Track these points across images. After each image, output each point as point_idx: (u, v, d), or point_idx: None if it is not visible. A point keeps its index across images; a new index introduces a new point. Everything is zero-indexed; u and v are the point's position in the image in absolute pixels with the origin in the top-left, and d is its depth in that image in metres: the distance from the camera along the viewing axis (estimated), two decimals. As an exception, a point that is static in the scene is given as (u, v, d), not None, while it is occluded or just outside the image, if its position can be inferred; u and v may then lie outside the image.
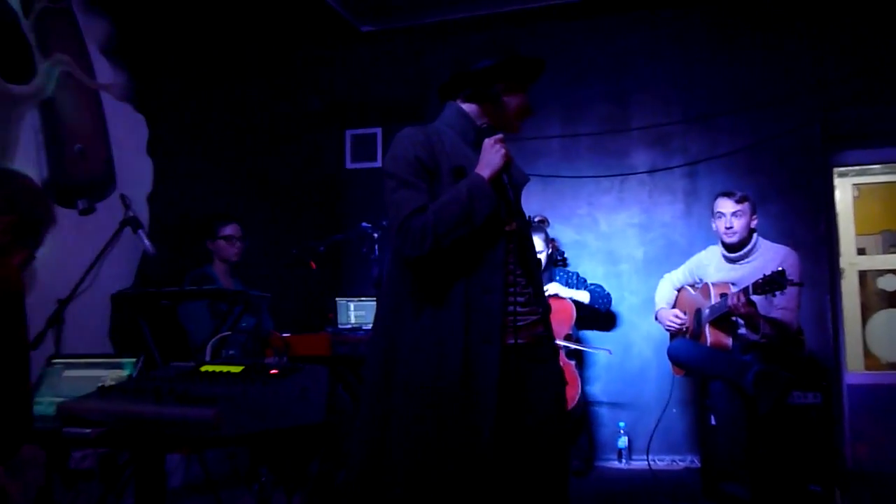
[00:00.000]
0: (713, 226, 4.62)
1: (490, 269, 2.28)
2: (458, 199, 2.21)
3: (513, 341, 2.25)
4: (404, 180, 2.26)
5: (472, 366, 2.19)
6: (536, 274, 2.45)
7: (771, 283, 3.92)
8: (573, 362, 5.06)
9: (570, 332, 5.11)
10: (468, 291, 2.24)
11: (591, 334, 5.69)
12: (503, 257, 2.30)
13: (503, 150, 2.31)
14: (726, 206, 4.50)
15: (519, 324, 2.29)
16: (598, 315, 5.49)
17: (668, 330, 4.83)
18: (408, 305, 2.28)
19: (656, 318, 4.94)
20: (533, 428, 2.29)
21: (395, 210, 2.25)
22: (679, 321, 4.73)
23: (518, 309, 2.30)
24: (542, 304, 2.44)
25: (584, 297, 5.24)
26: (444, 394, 2.17)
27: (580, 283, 5.35)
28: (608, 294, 5.34)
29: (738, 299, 4.13)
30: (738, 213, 4.46)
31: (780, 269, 3.91)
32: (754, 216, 4.52)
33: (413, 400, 2.20)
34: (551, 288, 5.14)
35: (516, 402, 2.26)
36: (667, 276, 5.01)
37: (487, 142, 2.33)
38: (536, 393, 2.32)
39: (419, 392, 2.19)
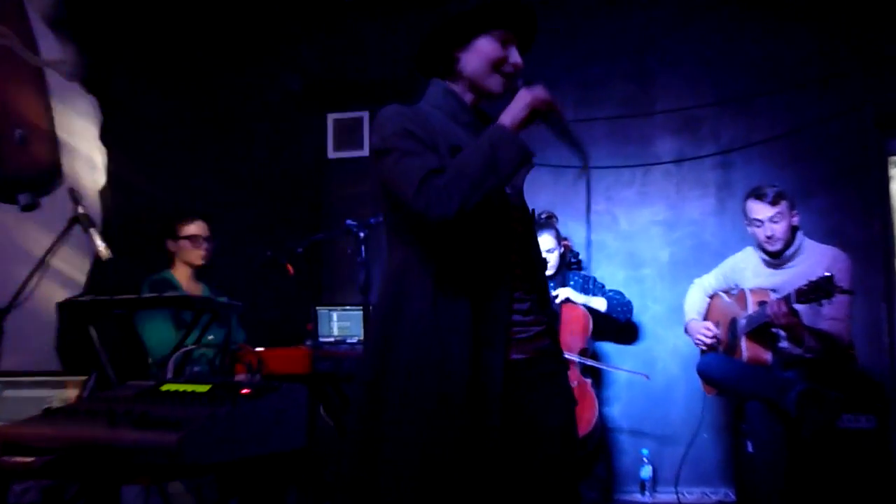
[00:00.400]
0: (749, 232, 4.62)
1: (493, 267, 2.28)
2: (478, 150, 2.19)
3: (514, 356, 2.27)
4: (407, 150, 2.23)
5: (476, 373, 2.20)
6: (541, 277, 2.45)
7: (817, 291, 3.91)
8: (589, 380, 5.05)
9: (586, 346, 5.10)
10: (471, 291, 2.24)
11: (609, 347, 5.69)
12: (507, 255, 2.31)
13: (529, 97, 2.28)
14: (761, 211, 4.47)
15: (520, 336, 2.30)
16: (617, 325, 5.49)
17: (698, 345, 4.83)
18: (409, 305, 2.28)
19: (686, 331, 4.94)
20: (536, 456, 2.29)
21: (405, 178, 2.19)
22: (711, 334, 4.72)
23: (518, 318, 2.31)
24: (548, 313, 2.43)
25: (600, 304, 5.24)
26: (447, 399, 2.17)
27: (597, 288, 5.35)
28: (629, 301, 5.34)
29: (779, 307, 4.12)
30: (777, 216, 4.44)
31: (826, 274, 3.90)
32: (794, 213, 4.50)
33: (414, 413, 2.20)
34: (562, 293, 5.13)
35: (516, 426, 2.26)
36: (697, 281, 5.01)
37: (522, 90, 2.32)
38: (540, 416, 2.31)
39: (421, 403, 2.18)
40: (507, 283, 2.29)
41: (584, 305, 5.16)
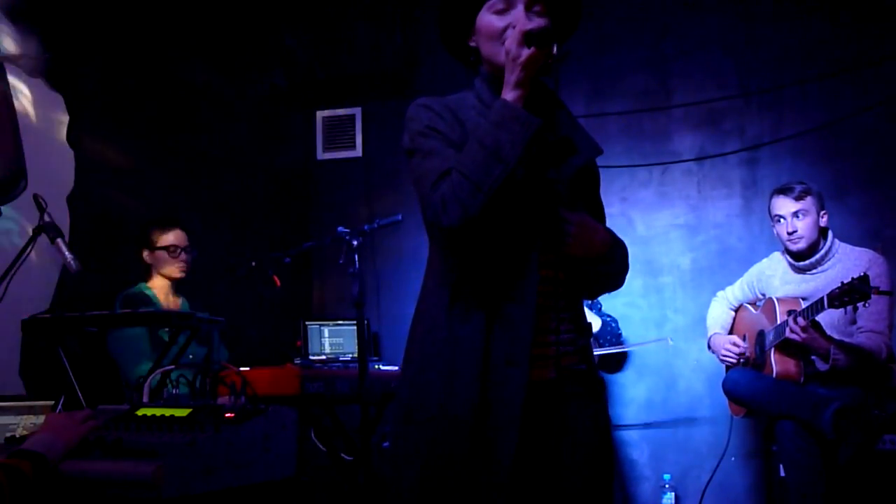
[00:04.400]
0: (774, 231, 4.62)
1: (519, 269, 2.23)
2: (479, 140, 2.14)
3: (540, 377, 2.22)
4: (427, 150, 2.22)
5: (490, 392, 2.16)
6: (579, 290, 2.39)
7: (851, 293, 3.90)
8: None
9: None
10: (491, 299, 2.21)
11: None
12: (537, 253, 2.23)
13: (513, 52, 2.15)
14: (785, 206, 4.49)
15: (548, 356, 2.26)
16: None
17: (723, 361, 4.81)
18: (425, 317, 2.29)
19: (709, 347, 4.93)
20: (562, 484, 2.26)
21: (421, 183, 2.19)
22: (737, 350, 4.70)
23: (550, 337, 2.26)
24: (584, 333, 2.38)
25: (594, 323, 5.24)
26: (452, 425, 2.15)
27: (594, 305, 5.38)
28: (620, 333, 5.38)
29: (797, 322, 4.13)
30: (801, 212, 4.45)
31: (862, 274, 3.90)
32: (823, 212, 4.50)
33: (414, 433, 2.19)
34: None
35: (540, 450, 2.24)
36: (720, 294, 5.01)
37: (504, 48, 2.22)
38: (569, 439, 2.28)
39: (423, 424, 2.17)
40: (529, 294, 2.22)
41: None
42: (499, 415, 2.16)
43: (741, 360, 4.69)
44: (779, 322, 4.42)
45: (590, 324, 2.43)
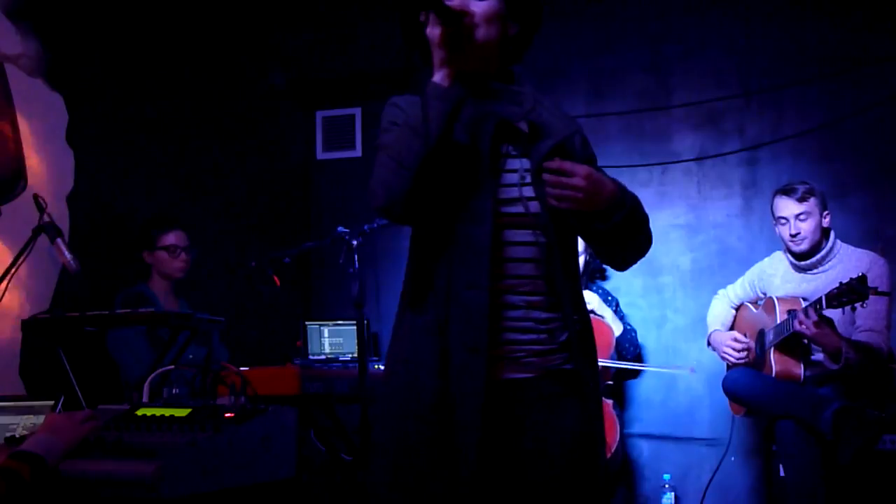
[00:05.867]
0: (776, 232, 4.62)
1: (474, 253, 2.18)
2: (406, 120, 2.17)
3: (510, 375, 2.19)
4: (384, 145, 2.23)
5: (451, 384, 2.13)
6: (569, 279, 2.28)
7: (849, 293, 3.90)
8: (611, 401, 5.05)
9: (608, 365, 5.10)
10: (447, 286, 2.18)
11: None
12: (488, 239, 2.17)
13: (430, 33, 2.17)
14: (788, 207, 4.48)
15: (517, 354, 2.21)
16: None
17: (725, 359, 4.80)
18: (399, 313, 2.29)
19: (709, 344, 4.92)
20: (527, 484, 2.21)
21: (374, 173, 2.22)
22: (740, 346, 4.69)
23: (515, 336, 2.21)
24: (572, 325, 2.26)
25: (616, 328, 5.22)
26: (417, 416, 2.14)
27: (618, 313, 5.36)
28: (639, 344, 5.40)
29: (807, 315, 4.11)
30: (804, 214, 4.44)
31: (860, 275, 3.90)
32: (826, 213, 4.50)
33: (384, 424, 2.20)
34: (588, 299, 5.14)
35: (508, 454, 2.20)
36: (721, 292, 5.00)
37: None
38: (537, 442, 2.21)
39: (391, 414, 2.17)
40: (482, 278, 2.16)
41: (606, 320, 5.17)
42: (462, 407, 2.12)
43: (747, 358, 4.66)
44: (779, 321, 4.42)
45: (589, 317, 2.36)
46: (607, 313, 5.23)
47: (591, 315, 5.04)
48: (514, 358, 2.20)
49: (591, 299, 5.17)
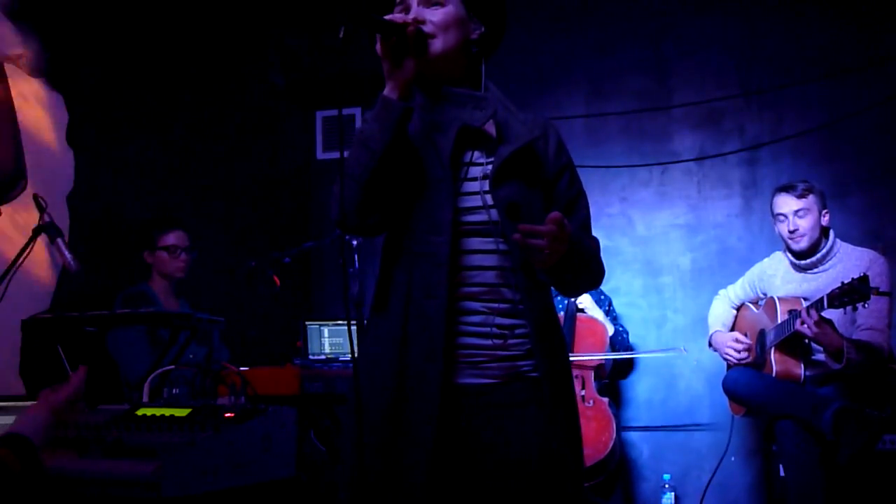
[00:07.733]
0: (776, 230, 4.62)
1: (433, 265, 2.18)
2: (358, 135, 2.18)
3: (467, 381, 2.19)
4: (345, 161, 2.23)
5: (408, 390, 2.14)
6: (534, 285, 2.25)
7: (851, 293, 3.90)
8: (606, 399, 5.05)
9: (602, 363, 5.11)
10: (408, 294, 2.19)
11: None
12: (447, 248, 2.17)
13: (378, 48, 2.19)
14: (786, 204, 4.48)
15: (476, 358, 2.20)
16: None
17: (726, 358, 4.80)
18: (369, 318, 2.31)
19: (710, 345, 4.92)
20: (494, 492, 2.19)
21: None
22: (742, 346, 4.68)
23: (472, 340, 2.20)
24: (538, 331, 2.24)
25: (608, 329, 5.23)
26: (371, 424, 2.14)
27: (610, 313, 5.37)
28: (630, 345, 5.41)
29: (809, 315, 4.11)
30: (802, 211, 4.45)
31: (861, 275, 3.90)
32: (825, 211, 4.50)
33: (350, 423, 2.21)
34: (580, 299, 5.16)
35: (463, 459, 2.20)
36: (722, 292, 5.00)
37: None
38: (498, 450, 2.20)
39: (354, 414, 2.16)
40: (440, 287, 2.16)
41: (599, 320, 5.18)
42: (416, 413, 2.13)
43: (748, 358, 4.66)
44: (780, 321, 4.42)
45: (559, 323, 2.35)
46: (598, 314, 5.24)
47: (584, 314, 5.08)
48: (473, 362, 2.20)
49: (584, 299, 5.18)
